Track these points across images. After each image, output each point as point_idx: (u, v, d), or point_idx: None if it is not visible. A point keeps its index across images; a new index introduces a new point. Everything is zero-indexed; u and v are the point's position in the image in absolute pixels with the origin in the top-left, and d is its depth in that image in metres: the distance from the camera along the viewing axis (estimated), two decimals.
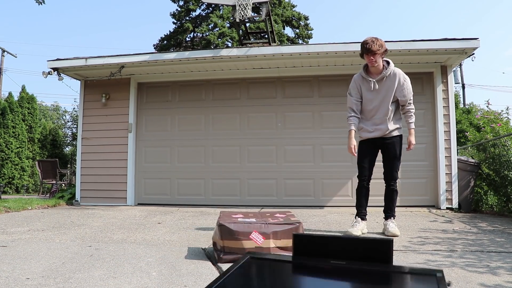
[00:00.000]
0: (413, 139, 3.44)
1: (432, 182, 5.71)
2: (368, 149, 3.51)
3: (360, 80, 3.49)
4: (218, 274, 2.14)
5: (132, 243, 3.09)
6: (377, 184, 5.84)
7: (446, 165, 5.58)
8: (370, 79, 3.39)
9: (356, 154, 3.50)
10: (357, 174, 3.53)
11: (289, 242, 2.42)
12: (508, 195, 5.34)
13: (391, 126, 3.43)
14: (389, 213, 3.48)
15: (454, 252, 2.71)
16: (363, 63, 5.89)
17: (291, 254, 1.22)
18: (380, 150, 3.54)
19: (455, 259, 2.50)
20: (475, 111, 11.90)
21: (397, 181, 3.49)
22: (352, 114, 3.51)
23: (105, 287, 1.89)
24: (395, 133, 3.47)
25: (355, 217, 3.52)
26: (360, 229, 3.37)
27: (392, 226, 3.39)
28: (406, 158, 5.80)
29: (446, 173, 5.57)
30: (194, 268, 2.27)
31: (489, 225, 4.09)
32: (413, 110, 3.46)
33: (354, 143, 3.48)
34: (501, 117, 7.06)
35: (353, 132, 3.49)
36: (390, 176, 3.47)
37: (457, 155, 5.73)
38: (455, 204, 5.49)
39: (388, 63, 3.43)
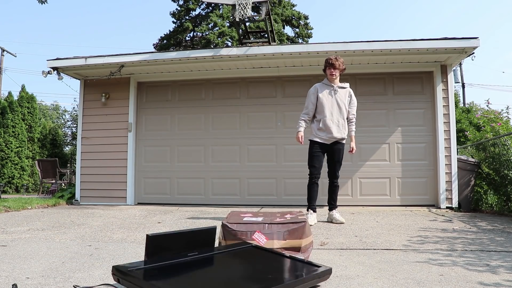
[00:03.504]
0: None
1: (432, 182, 5.72)
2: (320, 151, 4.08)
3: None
4: None
5: (132, 242, 3.09)
6: (373, 184, 5.86)
7: (446, 164, 5.59)
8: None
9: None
10: (309, 172, 4.06)
11: (295, 243, 2.34)
12: (508, 194, 5.34)
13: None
14: (332, 204, 4.12)
15: (454, 251, 2.72)
16: (362, 63, 5.93)
17: (298, 256, 1.52)
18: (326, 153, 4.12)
19: (455, 258, 2.50)
20: (475, 111, 11.90)
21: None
22: None
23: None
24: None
25: (307, 210, 4.04)
26: (313, 219, 3.96)
27: (338, 215, 4.08)
28: (406, 157, 5.82)
29: (446, 173, 5.58)
30: None
31: (489, 224, 4.10)
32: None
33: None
34: (501, 116, 7.07)
35: None
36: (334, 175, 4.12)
37: (457, 154, 5.73)
38: (455, 204, 5.49)
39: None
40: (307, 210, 4.03)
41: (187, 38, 22.23)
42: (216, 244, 2.59)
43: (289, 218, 2.53)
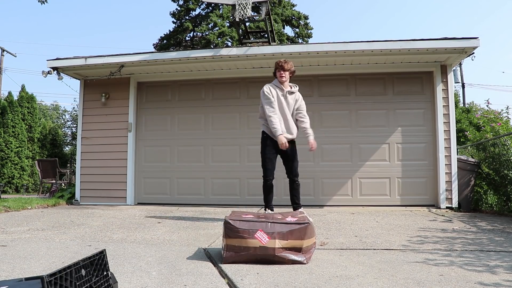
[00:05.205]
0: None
1: (432, 182, 5.71)
2: (273, 151, 4.04)
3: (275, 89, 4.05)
4: (218, 274, 2.14)
5: (132, 242, 3.09)
6: (373, 184, 5.86)
7: (446, 164, 5.58)
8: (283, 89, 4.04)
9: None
10: (263, 174, 4.01)
11: (296, 243, 2.34)
12: (507, 194, 5.35)
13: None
14: (297, 203, 4.01)
15: (453, 251, 2.72)
16: (362, 63, 5.92)
17: (299, 256, 1.42)
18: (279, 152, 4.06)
19: (454, 258, 2.50)
20: (475, 111, 11.90)
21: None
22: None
23: None
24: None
25: (265, 210, 4.00)
26: None
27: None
28: (406, 157, 5.82)
29: (446, 173, 5.58)
30: (194, 268, 2.27)
31: (488, 224, 4.10)
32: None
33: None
34: (501, 116, 7.07)
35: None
36: (295, 172, 4.05)
37: (457, 154, 5.73)
38: (455, 204, 5.49)
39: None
40: (265, 210, 4.03)
41: (187, 38, 22.23)
42: (220, 241, 2.58)
43: (293, 220, 2.50)
